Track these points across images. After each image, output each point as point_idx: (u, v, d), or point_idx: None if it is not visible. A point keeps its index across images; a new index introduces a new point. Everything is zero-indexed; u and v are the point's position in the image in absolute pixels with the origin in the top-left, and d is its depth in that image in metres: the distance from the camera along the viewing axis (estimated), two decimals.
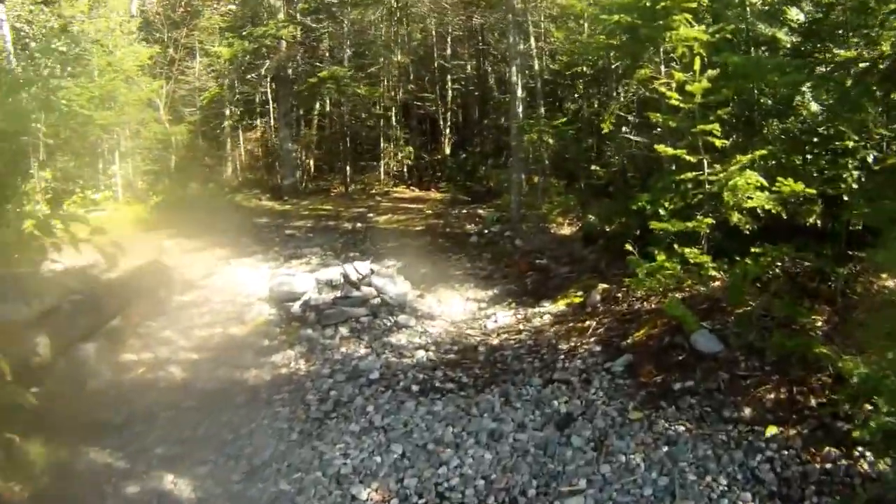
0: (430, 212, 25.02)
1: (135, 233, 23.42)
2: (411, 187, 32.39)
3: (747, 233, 11.26)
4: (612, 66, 19.51)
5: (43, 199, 27.18)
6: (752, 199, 11.00)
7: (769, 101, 13.10)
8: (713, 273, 11.29)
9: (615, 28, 14.00)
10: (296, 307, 14.36)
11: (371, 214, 25.37)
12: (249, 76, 31.32)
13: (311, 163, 35.08)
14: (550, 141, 20.81)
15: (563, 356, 11.36)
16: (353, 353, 12.43)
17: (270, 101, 32.86)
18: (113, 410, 10.82)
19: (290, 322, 13.94)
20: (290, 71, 30.84)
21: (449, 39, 35.12)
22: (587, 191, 20.55)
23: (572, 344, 11.69)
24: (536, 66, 26.09)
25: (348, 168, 32.13)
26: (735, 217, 11.23)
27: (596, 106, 23.88)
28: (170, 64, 30.73)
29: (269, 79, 31.64)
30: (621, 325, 11.67)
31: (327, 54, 33.99)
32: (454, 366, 11.69)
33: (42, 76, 26.72)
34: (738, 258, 10.91)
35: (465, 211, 24.52)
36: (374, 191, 31.77)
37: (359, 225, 23.56)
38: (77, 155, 29.09)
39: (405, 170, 33.84)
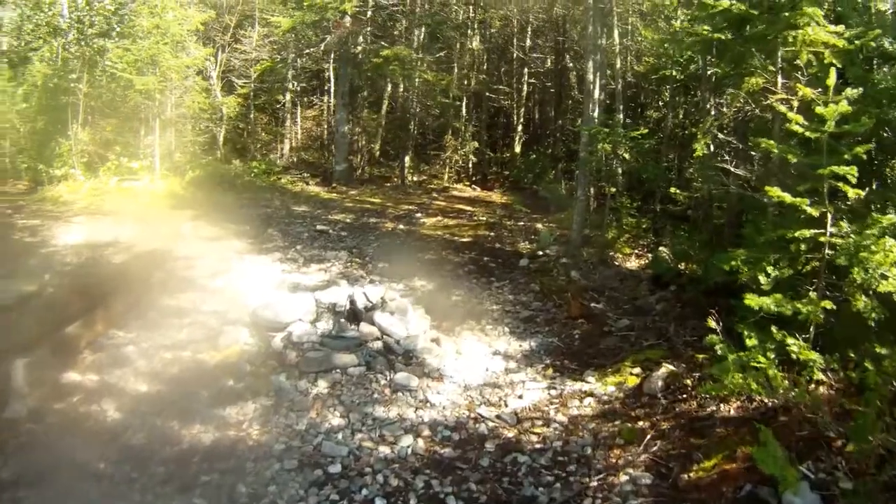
0: (483, 219, 21.83)
1: (160, 210, 21.07)
2: (473, 185, 29.25)
3: (872, 324, 7.78)
4: (708, 73, 15.93)
5: (79, 162, 24.99)
6: (888, 279, 7.59)
7: None
8: (821, 376, 7.90)
9: (718, 22, 10.65)
10: (277, 340, 11.40)
11: (419, 215, 22.33)
12: (309, 50, 28.43)
13: (376, 147, 32.04)
14: (626, 155, 17.39)
15: (595, 485, 7.91)
16: (323, 423, 9.22)
17: (332, 80, 29.90)
18: (7, 459, 8.23)
19: (266, 359, 10.96)
20: (354, 48, 27.88)
21: (529, 29, 31.66)
22: (662, 217, 17.17)
23: (612, 461, 8.25)
24: (618, 65, 22.72)
25: (408, 159, 29.13)
26: (861, 302, 7.81)
27: (682, 117, 20.43)
28: (224, 31, 28.16)
29: (331, 55, 28.79)
30: (686, 438, 8.20)
31: (402, 36, 30.95)
32: (444, 471, 8.35)
33: (86, 34, 24.45)
34: (852, 354, 7.67)
35: (521, 223, 21.20)
36: (431, 185, 28.75)
37: (401, 227, 20.57)
38: (117, 119, 26.94)
39: (469, 166, 30.57)
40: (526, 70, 31.97)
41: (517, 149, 31.30)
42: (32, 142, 27.14)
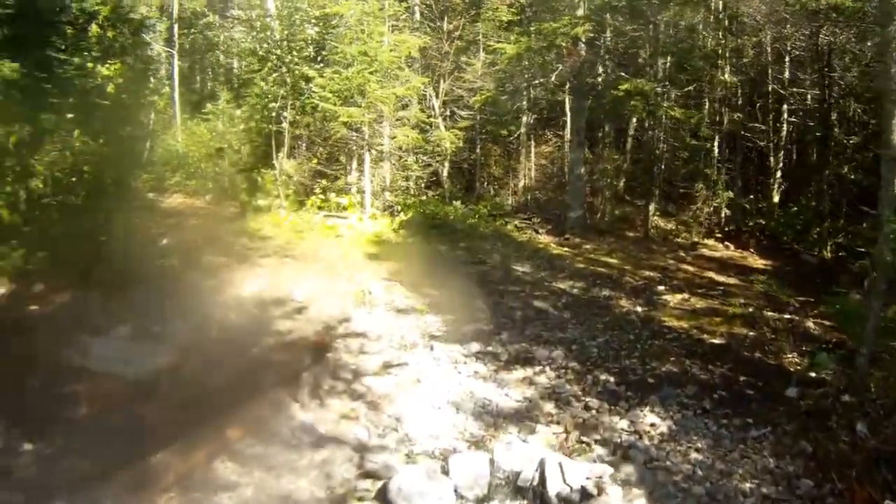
0: (741, 300, 16.61)
1: (358, 258, 18.09)
2: (725, 242, 24.05)
3: None
4: None
5: (283, 193, 22.64)
6: None
7: None
8: None
9: None
10: None
11: (661, 288, 17.66)
12: (538, 81, 24.51)
13: (620, 185, 27.56)
14: None
15: None
16: None
17: (568, 113, 25.71)
18: None
19: None
20: (590, 79, 23.73)
21: (787, 59, 25.90)
22: None
23: None
24: None
25: (652, 206, 24.53)
26: None
27: None
28: (443, 58, 24.93)
29: (566, 87, 24.79)
30: None
31: (646, 65, 26.41)
32: None
33: (286, 61, 21.99)
34: None
35: (786, 315, 15.68)
36: (678, 239, 23.91)
37: (638, 308, 16.01)
38: (325, 150, 24.42)
39: (721, 218, 25.36)
40: (785, 106, 26.27)
41: (775, 198, 25.79)
42: (244, 166, 25.41)
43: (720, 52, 25.59)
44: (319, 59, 22.79)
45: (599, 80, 24.14)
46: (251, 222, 21.37)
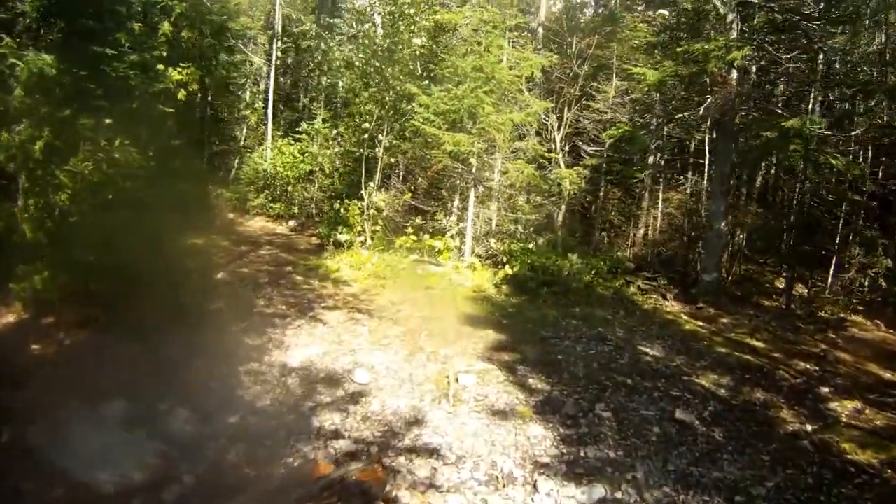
0: None
1: (448, 322, 13.99)
2: (876, 321, 18.70)
3: None
4: None
5: (369, 229, 18.79)
6: None
7: None
8: None
9: None
10: None
11: (826, 391, 12.78)
12: (682, 115, 19.74)
13: (741, 245, 22.36)
14: None
15: None
16: None
17: (707, 154, 20.75)
18: None
19: None
20: (742, 116, 18.96)
21: None
22: None
23: None
24: None
25: (794, 275, 19.50)
26: None
27: None
28: (572, 83, 20.55)
29: (707, 122, 19.97)
30: None
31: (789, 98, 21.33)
32: None
33: (386, 75, 18.15)
34: None
35: None
36: (822, 313, 18.74)
37: (807, 429, 11.07)
38: (423, 183, 20.49)
39: (866, 289, 19.89)
40: None
41: None
42: (334, 193, 21.91)
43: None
44: (426, 75, 18.88)
45: (752, 116, 19.29)
46: (328, 260, 17.68)
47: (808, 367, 14.24)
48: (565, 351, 13.06)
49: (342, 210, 18.51)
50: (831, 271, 20.21)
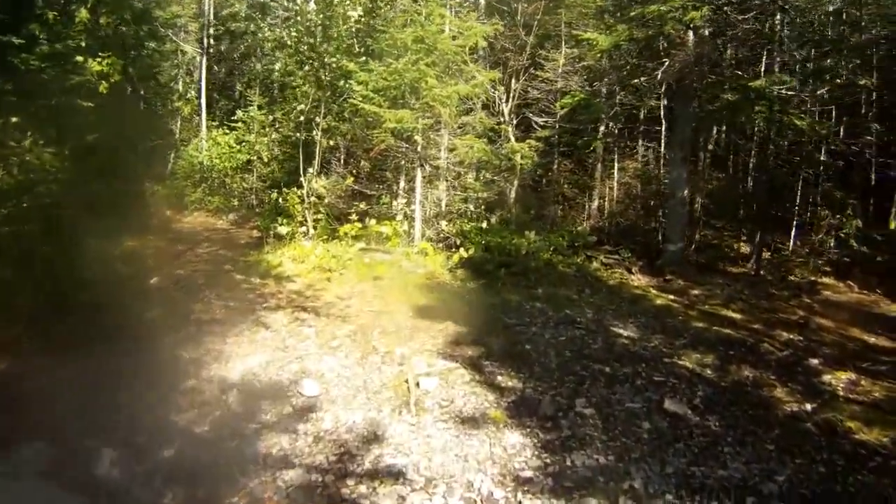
0: None
1: (403, 315, 12.60)
2: (848, 282, 17.92)
3: None
4: None
5: (311, 218, 17.23)
6: None
7: None
8: None
9: None
10: None
11: (815, 362, 11.62)
12: (637, 80, 18.49)
13: (700, 212, 21.29)
14: None
15: None
16: None
17: (663, 122, 19.55)
18: None
19: None
20: (700, 80, 17.78)
21: None
22: None
23: None
24: None
25: (762, 240, 18.56)
26: None
27: None
28: (519, 52, 19.16)
29: (662, 87, 18.81)
30: None
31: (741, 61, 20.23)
32: None
33: (320, 52, 16.57)
34: None
35: None
36: (792, 276, 17.91)
37: (806, 408, 9.94)
38: (365, 166, 19.01)
39: (843, 251, 18.97)
40: None
41: (893, 224, 19.51)
42: (274, 182, 20.36)
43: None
44: (363, 51, 17.35)
45: (711, 79, 18.16)
46: (269, 255, 16.10)
47: (791, 336, 13.24)
48: (533, 339, 11.75)
49: (280, 200, 16.93)
50: (792, 234, 19.45)
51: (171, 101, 27.58)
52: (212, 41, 28.34)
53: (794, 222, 19.62)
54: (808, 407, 10.09)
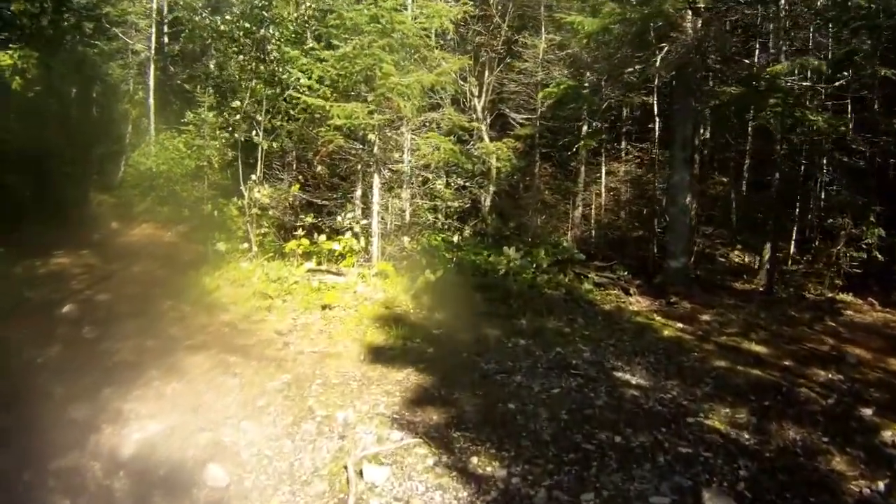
0: None
1: (356, 358, 9.85)
2: (869, 299, 15.26)
3: None
4: None
5: (253, 234, 14.31)
6: None
7: None
8: None
9: None
10: None
11: (867, 412, 9.00)
12: (631, 69, 15.62)
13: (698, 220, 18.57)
14: None
15: None
16: None
17: (656, 118, 16.75)
18: None
19: None
20: (703, 71, 15.07)
21: None
22: None
23: None
24: None
25: (767, 249, 15.94)
26: None
27: None
28: (494, 38, 16.41)
29: (656, 80, 16.06)
30: None
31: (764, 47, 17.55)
32: None
33: (256, 38, 13.77)
34: None
35: None
36: (810, 294, 15.31)
37: (878, 488, 7.25)
38: (315, 172, 16.15)
39: (849, 263, 16.32)
40: None
41: None
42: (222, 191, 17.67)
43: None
44: (309, 35, 14.50)
45: (716, 68, 15.52)
46: (207, 276, 13.26)
47: (829, 375, 10.58)
48: (519, 394, 8.93)
49: (215, 212, 14.05)
50: (796, 243, 16.91)
51: (121, 103, 24.95)
52: (165, 39, 26.16)
53: (806, 231, 17.05)
54: (881, 486, 7.38)
